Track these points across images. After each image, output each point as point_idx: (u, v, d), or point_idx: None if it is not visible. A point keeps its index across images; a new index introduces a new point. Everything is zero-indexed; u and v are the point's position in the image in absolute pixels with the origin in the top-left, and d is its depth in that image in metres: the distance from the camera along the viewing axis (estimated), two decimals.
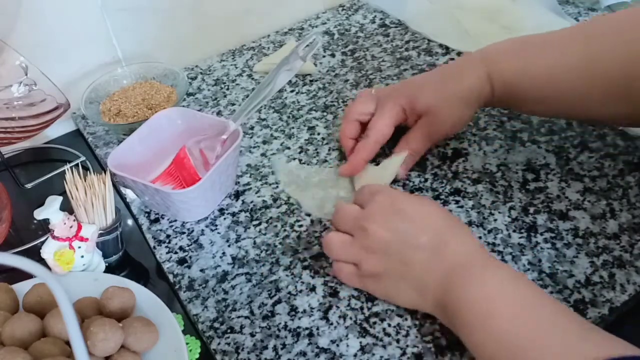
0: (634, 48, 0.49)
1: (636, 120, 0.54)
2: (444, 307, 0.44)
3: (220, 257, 0.55)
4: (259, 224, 0.58)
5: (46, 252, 0.50)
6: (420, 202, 0.48)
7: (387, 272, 0.47)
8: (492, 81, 0.55)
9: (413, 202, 0.48)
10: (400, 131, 0.60)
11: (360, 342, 0.47)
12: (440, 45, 0.79)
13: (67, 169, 0.54)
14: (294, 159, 0.65)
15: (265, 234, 0.57)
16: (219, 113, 0.73)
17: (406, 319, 0.48)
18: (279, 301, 0.51)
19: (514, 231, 0.54)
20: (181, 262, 0.56)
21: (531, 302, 0.41)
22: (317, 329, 0.49)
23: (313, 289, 0.52)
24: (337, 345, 0.47)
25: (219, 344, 0.49)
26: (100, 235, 0.53)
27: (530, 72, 0.53)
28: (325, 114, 0.71)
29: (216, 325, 0.50)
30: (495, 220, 0.55)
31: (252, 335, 0.49)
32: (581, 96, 0.52)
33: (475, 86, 0.56)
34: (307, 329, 0.49)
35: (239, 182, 0.63)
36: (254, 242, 0.56)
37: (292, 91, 0.75)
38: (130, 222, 0.62)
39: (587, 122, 0.63)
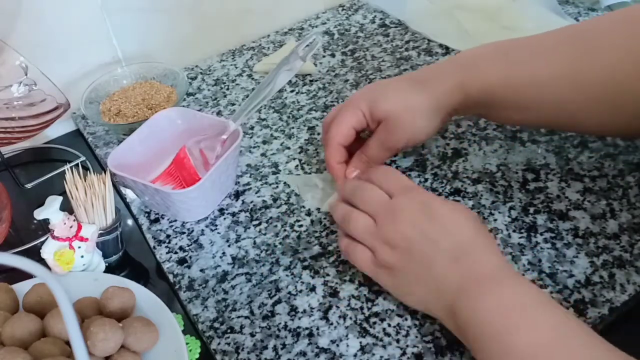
0: (622, 54, 0.47)
1: (623, 131, 0.52)
2: (455, 314, 0.43)
3: (220, 257, 0.55)
4: (259, 224, 0.58)
5: (46, 252, 0.50)
6: (452, 208, 0.47)
7: (402, 267, 0.46)
8: (467, 88, 0.53)
9: (445, 206, 0.46)
10: None
11: (360, 342, 0.47)
12: (440, 45, 0.80)
13: (67, 169, 0.54)
14: (294, 158, 0.65)
15: (265, 234, 0.57)
16: (219, 113, 0.73)
17: (406, 319, 0.48)
18: (279, 301, 0.51)
19: (514, 231, 0.54)
20: (181, 262, 0.56)
21: (553, 321, 0.39)
22: (317, 329, 0.49)
23: (313, 289, 0.52)
24: (337, 345, 0.47)
25: (219, 344, 0.49)
26: (100, 235, 0.53)
27: (513, 79, 0.51)
28: (325, 114, 0.71)
29: (216, 325, 0.50)
30: (495, 220, 0.55)
31: (252, 335, 0.49)
32: (567, 104, 0.50)
33: (442, 96, 0.53)
34: (307, 329, 0.49)
35: (239, 182, 0.63)
36: (254, 242, 0.56)
37: (292, 91, 0.75)
38: (130, 222, 0.62)
39: (574, 132, 0.62)
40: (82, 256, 0.51)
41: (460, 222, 0.46)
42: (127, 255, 0.58)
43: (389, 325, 0.48)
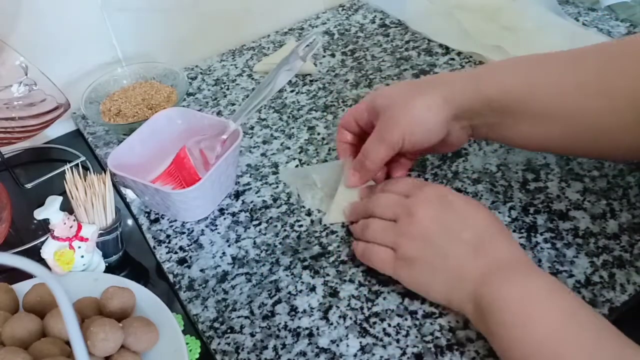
0: None
1: None
2: (477, 304, 0.43)
3: (220, 257, 0.55)
4: (259, 224, 0.58)
5: (46, 252, 0.50)
6: (468, 201, 0.49)
7: (423, 259, 0.46)
8: (482, 90, 0.49)
9: (462, 199, 0.48)
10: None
11: (360, 342, 0.47)
12: (440, 45, 0.79)
13: (67, 169, 0.54)
14: (294, 159, 0.65)
15: (265, 234, 0.57)
16: (219, 113, 0.73)
17: (406, 319, 0.48)
18: (279, 301, 0.51)
19: (514, 231, 0.54)
20: (181, 262, 0.56)
21: (574, 313, 0.40)
22: (317, 329, 0.49)
23: (313, 289, 0.52)
24: (337, 345, 0.47)
25: (219, 344, 0.49)
26: (100, 235, 0.53)
27: (535, 86, 0.48)
28: (325, 114, 0.71)
29: (216, 325, 0.50)
30: None
31: (252, 335, 0.49)
32: (593, 117, 0.46)
33: (448, 94, 0.51)
34: (307, 329, 0.49)
35: (239, 182, 0.63)
36: (254, 242, 0.56)
37: (292, 91, 0.75)
38: (130, 222, 0.62)
39: (597, 156, 0.58)
40: (82, 256, 0.51)
41: (478, 214, 0.47)
42: (127, 255, 0.58)
43: (389, 325, 0.48)
